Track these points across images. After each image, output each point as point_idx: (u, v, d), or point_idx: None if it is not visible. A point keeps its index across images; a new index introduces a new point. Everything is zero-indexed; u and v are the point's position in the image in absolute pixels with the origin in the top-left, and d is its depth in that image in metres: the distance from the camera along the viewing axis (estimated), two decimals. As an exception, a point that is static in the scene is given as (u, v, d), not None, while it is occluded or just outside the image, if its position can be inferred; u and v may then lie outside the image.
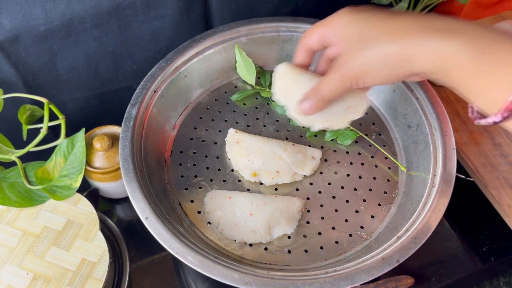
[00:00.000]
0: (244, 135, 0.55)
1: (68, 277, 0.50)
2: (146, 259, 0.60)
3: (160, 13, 0.65)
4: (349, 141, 0.58)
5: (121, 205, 0.66)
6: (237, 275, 0.42)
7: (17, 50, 0.60)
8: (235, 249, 0.49)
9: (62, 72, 0.66)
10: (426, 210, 0.47)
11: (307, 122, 0.51)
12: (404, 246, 0.44)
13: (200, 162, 0.56)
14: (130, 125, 0.52)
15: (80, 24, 0.61)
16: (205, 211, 0.52)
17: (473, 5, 0.84)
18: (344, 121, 0.51)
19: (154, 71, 0.56)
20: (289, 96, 0.50)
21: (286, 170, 0.53)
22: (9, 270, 0.50)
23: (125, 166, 0.49)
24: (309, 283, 0.42)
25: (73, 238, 0.53)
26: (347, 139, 0.58)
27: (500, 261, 0.60)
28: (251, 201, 0.51)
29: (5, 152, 0.56)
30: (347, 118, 0.51)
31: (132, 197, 0.47)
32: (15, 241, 0.52)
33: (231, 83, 0.63)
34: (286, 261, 0.49)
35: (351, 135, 0.58)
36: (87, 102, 0.72)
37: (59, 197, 0.55)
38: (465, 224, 0.63)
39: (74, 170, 0.57)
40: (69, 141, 0.58)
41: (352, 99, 0.50)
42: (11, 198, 0.54)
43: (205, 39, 0.60)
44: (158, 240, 0.44)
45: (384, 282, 0.55)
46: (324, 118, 0.50)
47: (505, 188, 0.59)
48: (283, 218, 0.50)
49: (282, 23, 0.62)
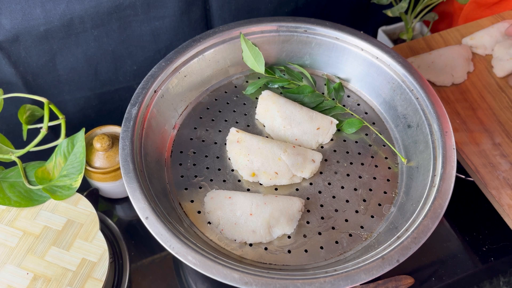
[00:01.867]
0: (245, 134, 0.56)
1: (68, 277, 0.50)
2: (146, 259, 0.60)
3: (160, 13, 0.65)
4: (354, 129, 0.58)
5: (121, 205, 0.66)
6: (237, 275, 0.42)
7: (17, 50, 0.60)
8: (235, 249, 0.49)
9: (62, 72, 0.66)
10: (426, 210, 0.47)
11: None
12: (404, 246, 0.44)
13: (200, 162, 0.56)
14: (130, 125, 0.52)
15: (80, 24, 0.61)
16: (205, 211, 0.52)
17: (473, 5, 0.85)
18: (313, 141, 0.57)
19: (154, 71, 0.56)
20: (268, 114, 0.58)
21: (285, 172, 0.53)
22: (9, 270, 0.50)
23: (125, 166, 0.49)
24: (309, 283, 0.42)
25: (73, 238, 0.53)
26: (352, 127, 0.58)
27: (500, 261, 0.60)
28: (251, 201, 0.51)
29: (5, 152, 0.56)
30: (316, 139, 0.57)
31: (132, 197, 0.47)
32: (15, 241, 0.52)
33: (231, 83, 0.64)
34: (286, 261, 0.49)
35: (356, 123, 0.58)
36: (87, 102, 0.72)
37: (59, 197, 0.55)
38: (465, 224, 0.63)
39: (74, 170, 0.57)
40: (69, 141, 0.58)
41: (323, 121, 0.57)
42: (11, 198, 0.54)
43: (205, 39, 0.60)
44: (158, 240, 0.44)
45: (384, 282, 0.55)
46: (295, 136, 0.57)
47: (505, 188, 0.59)
48: (283, 218, 0.50)
49: (282, 23, 0.62)
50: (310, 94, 0.61)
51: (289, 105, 0.58)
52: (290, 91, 0.61)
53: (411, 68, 0.58)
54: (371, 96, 0.62)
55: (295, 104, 0.59)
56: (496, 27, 0.75)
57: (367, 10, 0.89)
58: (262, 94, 0.60)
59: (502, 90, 0.70)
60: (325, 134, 0.58)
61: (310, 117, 0.58)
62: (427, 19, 0.87)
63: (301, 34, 0.62)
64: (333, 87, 0.62)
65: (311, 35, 0.62)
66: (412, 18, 0.87)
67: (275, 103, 0.58)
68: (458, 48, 0.73)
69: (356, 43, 0.61)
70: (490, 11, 0.83)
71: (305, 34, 0.62)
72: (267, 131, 0.58)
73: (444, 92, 0.70)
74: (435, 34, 0.77)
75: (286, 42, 0.63)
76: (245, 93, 0.62)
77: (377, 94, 0.61)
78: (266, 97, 0.59)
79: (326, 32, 0.61)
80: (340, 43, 0.62)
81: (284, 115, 0.57)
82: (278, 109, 0.58)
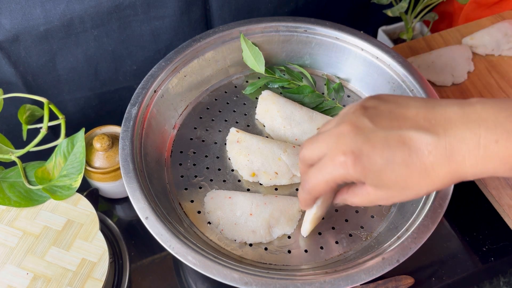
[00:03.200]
0: (245, 134, 0.56)
1: (68, 277, 0.50)
2: (146, 259, 0.60)
3: (160, 13, 0.65)
4: None
5: (121, 205, 0.66)
6: (237, 275, 0.42)
7: (17, 50, 0.60)
8: (235, 249, 0.49)
9: (62, 72, 0.66)
10: (426, 210, 0.47)
11: None
12: (404, 246, 0.44)
13: (200, 162, 0.56)
14: (130, 125, 0.52)
15: (80, 24, 0.61)
16: (205, 211, 0.52)
17: (473, 5, 0.85)
18: None
19: (154, 71, 0.56)
20: (268, 114, 0.58)
21: (285, 172, 0.53)
22: (9, 270, 0.50)
23: (125, 166, 0.49)
24: (309, 283, 0.42)
25: (73, 238, 0.53)
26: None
27: (500, 261, 0.60)
28: (251, 201, 0.51)
29: (5, 152, 0.56)
30: None
31: (132, 197, 0.47)
32: (15, 241, 0.52)
33: (231, 83, 0.63)
34: (286, 261, 0.49)
35: None
36: (87, 102, 0.72)
37: (59, 197, 0.55)
38: (465, 224, 0.63)
39: (74, 170, 0.57)
40: (69, 141, 0.58)
41: (323, 121, 0.58)
42: (11, 198, 0.54)
43: (205, 39, 0.60)
44: (158, 240, 0.44)
45: (384, 282, 0.55)
46: (295, 136, 0.57)
47: (505, 188, 0.59)
48: (283, 218, 0.50)
49: (282, 23, 0.62)
50: (310, 94, 0.61)
51: (289, 105, 0.58)
52: (290, 91, 0.61)
53: (411, 68, 0.58)
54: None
55: (295, 104, 0.59)
56: (496, 27, 0.75)
57: (367, 10, 0.89)
58: (262, 94, 0.60)
59: (502, 90, 0.70)
60: None
61: (310, 117, 0.58)
62: (427, 19, 0.87)
63: (301, 34, 0.62)
64: (333, 87, 0.62)
65: (311, 35, 0.62)
66: (412, 18, 0.87)
67: (275, 103, 0.58)
68: (458, 48, 0.73)
69: (356, 43, 0.61)
70: (490, 11, 0.83)
71: (305, 34, 0.62)
72: (267, 131, 0.58)
73: (444, 92, 0.70)
74: (435, 34, 0.77)
75: (286, 42, 0.63)
76: (245, 93, 0.62)
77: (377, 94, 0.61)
78: (266, 97, 0.59)
79: (326, 32, 0.61)
80: (340, 43, 0.62)
81: (284, 115, 0.57)
82: (278, 109, 0.58)
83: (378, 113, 0.37)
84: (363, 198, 0.39)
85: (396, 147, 0.35)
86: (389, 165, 0.35)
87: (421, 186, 0.36)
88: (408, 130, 0.35)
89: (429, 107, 0.36)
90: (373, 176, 0.36)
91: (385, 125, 0.36)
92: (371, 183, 0.37)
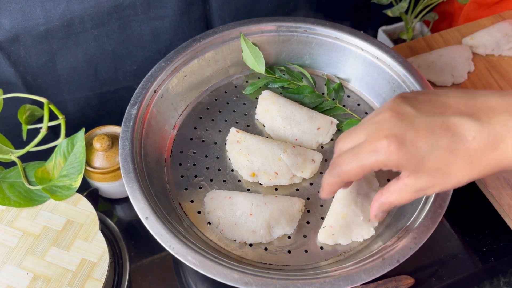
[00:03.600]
0: (245, 134, 0.56)
1: (68, 277, 0.50)
2: (146, 259, 0.60)
3: (160, 13, 0.65)
4: None
5: (121, 205, 0.66)
6: (237, 275, 0.42)
7: (17, 50, 0.60)
8: (235, 249, 0.49)
9: (62, 72, 0.66)
10: (426, 210, 0.47)
11: None
12: (404, 246, 0.44)
13: (200, 162, 0.56)
14: (130, 125, 0.52)
15: (80, 24, 0.61)
16: (205, 211, 0.52)
17: (473, 5, 0.85)
18: (313, 141, 0.57)
19: (154, 71, 0.56)
20: (268, 114, 0.58)
21: (285, 172, 0.53)
22: (9, 270, 0.50)
23: (125, 166, 0.49)
24: (309, 283, 0.42)
25: (73, 238, 0.53)
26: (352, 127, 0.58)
27: (500, 261, 0.60)
28: (251, 201, 0.51)
29: (5, 152, 0.56)
30: (316, 139, 0.57)
31: (132, 197, 0.47)
32: (15, 241, 0.52)
33: (231, 83, 0.63)
34: (286, 261, 0.49)
35: (356, 123, 0.58)
36: (87, 102, 0.72)
37: (59, 197, 0.55)
38: (465, 224, 0.63)
39: (74, 170, 0.57)
40: (69, 141, 0.58)
41: (323, 121, 0.58)
42: (11, 198, 0.54)
43: (205, 39, 0.60)
44: (158, 240, 0.44)
45: (384, 282, 0.55)
46: (295, 136, 0.57)
47: (505, 188, 0.59)
48: (283, 218, 0.50)
49: (282, 23, 0.62)
50: (310, 94, 0.61)
51: (289, 105, 0.58)
52: (290, 91, 0.61)
53: (411, 68, 0.58)
54: (371, 96, 0.62)
55: (295, 104, 0.59)
56: (496, 27, 0.75)
57: (367, 10, 0.89)
58: (262, 94, 0.60)
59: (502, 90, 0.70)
60: (325, 134, 0.58)
61: (310, 117, 0.58)
62: (427, 19, 0.87)
63: (301, 34, 0.62)
64: (333, 88, 0.62)
65: (311, 35, 0.62)
66: (412, 18, 0.87)
67: (275, 103, 0.58)
68: (458, 48, 0.73)
69: (356, 43, 0.61)
70: (490, 11, 0.83)
71: (305, 34, 0.62)
72: (267, 131, 0.58)
73: (444, 92, 0.70)
74: (435, 34, 0.77)
75: (286, 42, 0.63)
76: (245, 93, 0.62)
77: (377, 94, 0.61)
78: (266, 97, 0.59)
79: (326, 32, 0.61)
80: (340, 43, 0.62)
81: (284, 115, 0.57)
82: (278, 109, 0.58)
83: (418, 101, 0.36)
84: (402, 192, 0.38)
85: (440, 133, 0.34)
86: (433, 151, 0.34)
87: (463, 173, 0.35)
88: (451, 116, 0.34)
89: (469, 96, 0.36)
90: (416, 162, 0.35)
91: (428, 111, 0.35)
92: (412, 170, 0.36)
